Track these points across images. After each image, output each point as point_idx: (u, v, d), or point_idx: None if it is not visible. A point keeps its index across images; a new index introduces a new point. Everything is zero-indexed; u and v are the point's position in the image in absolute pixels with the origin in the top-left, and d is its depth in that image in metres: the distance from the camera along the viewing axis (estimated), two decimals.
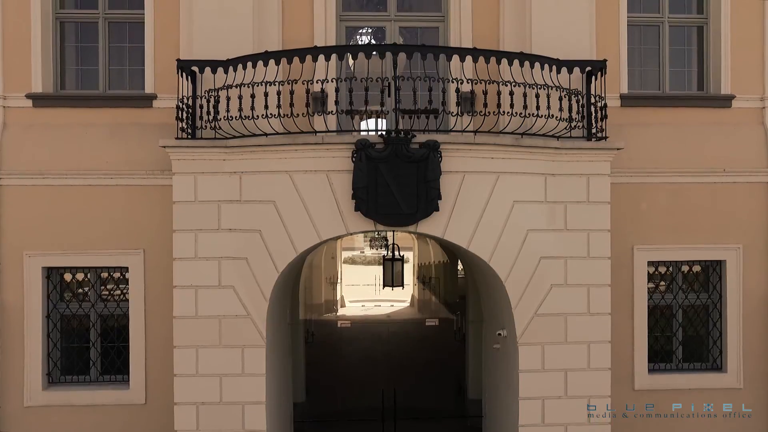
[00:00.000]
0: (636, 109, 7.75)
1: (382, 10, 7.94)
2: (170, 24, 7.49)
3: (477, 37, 7.57)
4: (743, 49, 7.88)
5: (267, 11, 7.37)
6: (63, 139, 7.39)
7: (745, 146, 7.72)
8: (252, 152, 6.32)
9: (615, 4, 7.75)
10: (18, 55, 7.49)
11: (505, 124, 6.23)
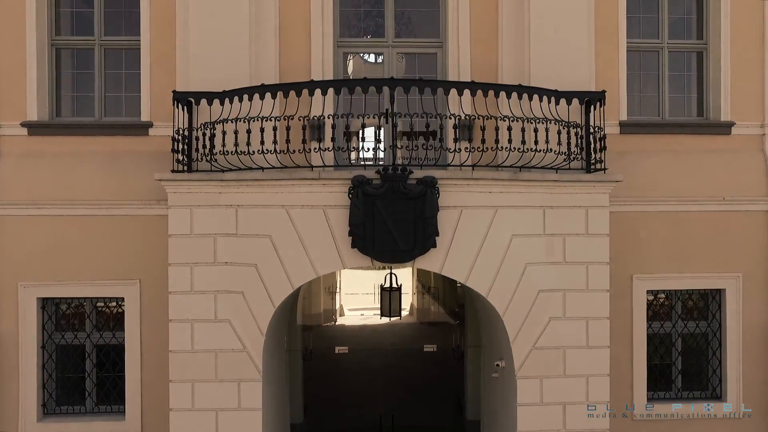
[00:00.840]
0: (635, 136, 7.71)
1: (380, 36, 7.88)
2: (166, 51, 7.44)
3: (475, 64, 7.54)
4: (743, 76, 7.84)
5: (264, 39, 7.31)
6: (58, 168, 7.34)
7: (745, 174, 7.68)
8: (248, 186, 6.28)
9: (614, 30, 7.71)
10: (13, 83, 7.45)
11: (503, 158, 6.19)
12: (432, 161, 6.09)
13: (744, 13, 7.83)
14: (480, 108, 6.16)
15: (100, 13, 7.70)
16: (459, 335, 11.72)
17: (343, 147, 5.93)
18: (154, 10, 7.47)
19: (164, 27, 7.45)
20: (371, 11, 8.05)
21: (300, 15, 7.49)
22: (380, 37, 7.88)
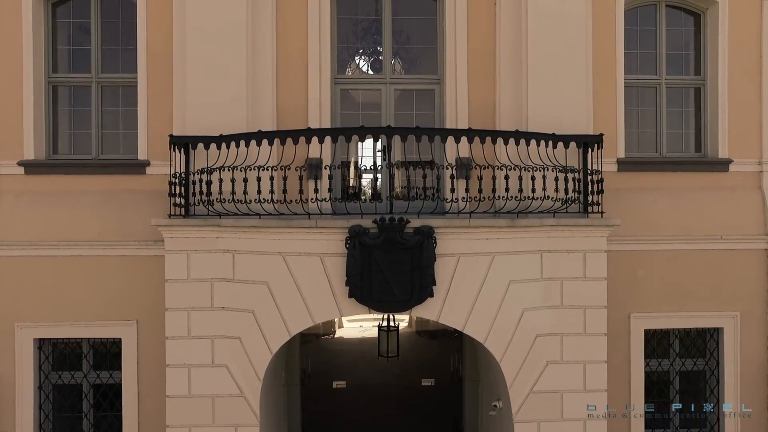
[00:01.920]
0: (633, 173, 7.70)
1: (377, 72, 7.88)
2: (164, 89, 7.42)
3: (473, 101, 7.53)
4: (741, 112, 7.84)
5: (261, 78, 7.30)
6: (55, 207, 7.33)
7: (743, 211, 7.68)
8: (245, 232, 6.28)
9: (612, 67, 7.70)
10: (10, 122, 7.43)
11: (501, 205, 6.19)
12: (430, 208, 6.09)
13: (741, 49, 7.83)
14: (477, 151, 6.15)
15: (96, 51, 7.69)
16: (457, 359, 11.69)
17: (340, 198, 5.89)
18: (150, 47, 7.45)
19: (161, 64, 7.43)
20: (369, 48, 8.06)
21: (297, 53, 7.47)
22: (378, 73, 7.88)
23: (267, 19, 7.35)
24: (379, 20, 7.87)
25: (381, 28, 7.79)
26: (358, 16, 8.05)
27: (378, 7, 7.87)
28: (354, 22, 8.06)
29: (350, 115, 7.69)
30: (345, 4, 7.88)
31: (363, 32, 8.11)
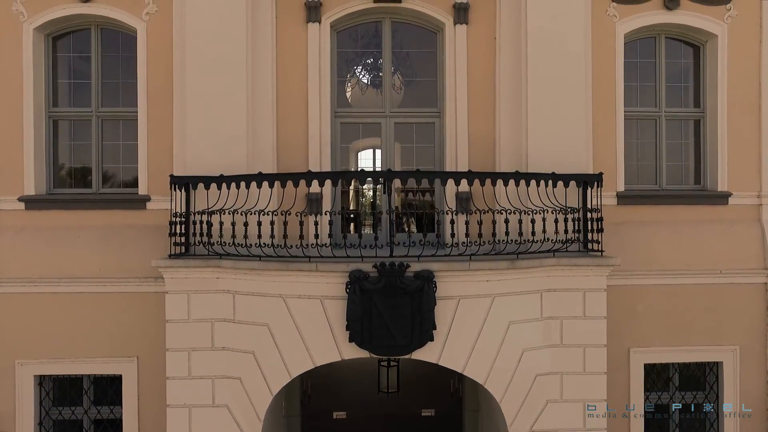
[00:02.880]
0: (632, 207, 7.71)
1: (377, 106, 7.89)
2: (164, 123, 7.43)
3: (473, 135, 7.56)
4: (740, 145, 7.86)
5: (261, 112, 7.32)
6: (56, 243, 7.33)
7: (742, 245, 7.69)
8: (245, 273, 6.28)
9: (611, 99, 7.71)
10: (10, 157, 7.44)
11: (501, 247, 6.18)
12: (430, 248, 6.09)
13: (740, 82, 7.85)
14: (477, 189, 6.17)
15: (97, 85, 7.70)
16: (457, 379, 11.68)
17: (341, 244, 5.89)
18: (151, 82, 7.46)
19: (161, 99, 7.43)
20: (369, 82, 8.07)
21: (297, 87, 7.50)
22: (378, 107, 7.89)
23: (267, 53, 7.38)
24: (379, 53, 7.88)
25: (381, 61, 7.82)
26: (359, 50, 8.07)
27: (378, 41, 7.88)
28: (354, 55, 8.08)
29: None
30: (345, 37, 7.90)
31: (363, 65, 8.12)
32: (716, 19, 7.79)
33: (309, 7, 7.47)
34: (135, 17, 7.44)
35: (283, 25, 7.50)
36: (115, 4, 7.43)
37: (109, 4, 7.43)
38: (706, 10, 7.78)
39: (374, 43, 7.93)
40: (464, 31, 7.56)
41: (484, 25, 7.59)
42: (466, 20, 7.55)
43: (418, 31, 7.89)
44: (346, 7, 7.56)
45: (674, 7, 7.72)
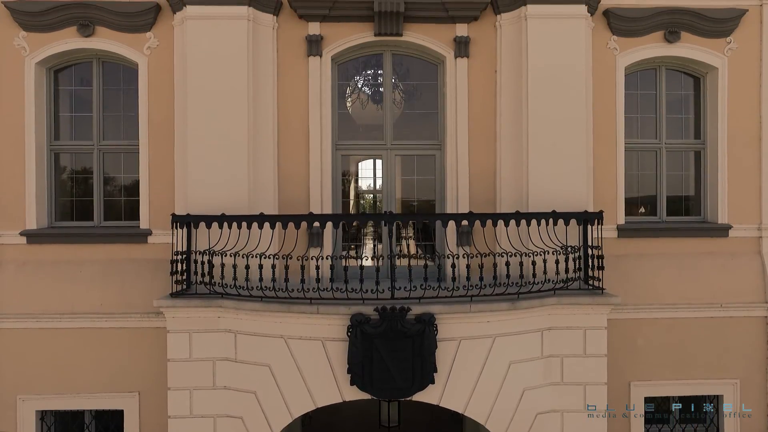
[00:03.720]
0: (633, 239, 7.73)
1: (378, 138, 7.90)
2: (165, 157, 7.46)
3: (474, 168, 7.58)
4: (740, 176, 7.87)
5: (262, 146, 7.35)
6: (57, 277, 7.34)
7: (743, 278, 7.69)
8: (247, 314, 6.29)
9: (612, 131, 7.73)
10: (12, 191, 7.46)
11: (502, 290, 6.19)
12: (431, 292, 6.10)
13: (741, 113, 7.86)
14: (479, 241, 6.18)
15: (98, 118, 7.71)
16: None
17: (343, 288, 5.90)
18: (152, 116, 7.48)
19: (163, 133, 7.47)
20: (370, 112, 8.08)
21: (298, 119, 7.53)
22: (379, 139, 7.90)
23: (268, 87, 7.40)
24: (379, 85, 7.90)
25: (382, 93, 7.84)
26: (361, 84, 8.09)
27: (379, 73, 7.90)
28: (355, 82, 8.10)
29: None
30: (346, 69, 7.91)
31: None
32: (717, 51, 7.80)
33: (310, 41, 7.49)
34: (136, 51, 7.45)
35: (284, 59, 7.52)
36: (116, 39, 7.45)
37: (111, 39, 7.45)
38: (706, 42, 7.79)
39: (375, 75, 7.94)
40: (465, 65, 7.58)
41: (485, 59, 7.60)
42: (467, 54, 7.57)
43: (419, 63, 7.91)
44: (347, 40, 7.57)
45: (675, 40, 7.73)
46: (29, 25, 7.35)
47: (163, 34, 7.45)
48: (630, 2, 7.67)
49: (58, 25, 7.36)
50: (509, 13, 7.45)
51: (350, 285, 5.90)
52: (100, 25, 7.41)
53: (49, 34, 7.39)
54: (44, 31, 7.37)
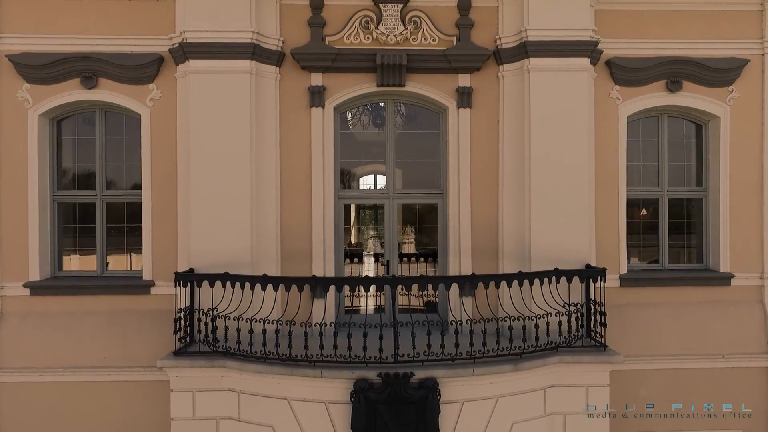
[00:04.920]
0: (635, 289, 7.73)
1: (380, 187, 7.91)
2: (168, 207, 7.46)
3: (476, 218, 7.60)
4: (742, 225, 7.88)
5: (265, 197, 7.37)
6: (60, 330, 7.35)
7: (745, 327, 7.70)
8: (250, 374, 6.30)
9: (614, 180, 7.74)
10: (16, 242, 7.47)
11: (504, 352, 6.20)
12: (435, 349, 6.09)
13: (743, 162, 7.87)
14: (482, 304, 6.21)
15: (101, 168, 7.73)
16: None
17: (345, 355, 5.91)
18: (155, 167, 7.49)
19: (166, 183, 7.47)
20: (372, 163, 8.11)
21: (300, 169, 7.54)
22: (381, 188, 7.91)
23: (271, 138, 7.43)
24: (382, 134, 7.91)
25: (385, 143, 7.85)
26: (361, 131, 8.10)
27: (381, 122, 7.92)
28: (357, 137, 8.11)
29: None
30: (348, 119, 7.93)
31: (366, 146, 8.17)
32: (719, 100, 7.81)
33: (312, 92, 7.50)
34: (139, 103, 7.47)
35: (287, 109, 7.54)
36: (119, 90, 7.46)
37: (114, 90, 7.46)
38: (708, 92, 7.80)
39: (378, 124, 7.96)
40: (467, 115, 7.59)
41: (488, 109, 7.61)
42: (470, 104, 7.58)
43: (422, 111, 7.92)
44: (349, 91, 7.59)
45: (677, 90, 7.74)
46: (32, 78, 7.37)
47: (166, 85, 7.46)
48: (632, 52, 7.68)
49: (61, 77, 7.38)
50: (512, 64, 7.47)
51: (353, 346, 5.90)
52: (103, 77, 7.42)
53: (52, 86, 7.41)
54: (47, 83, 7.39)
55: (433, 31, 7.54)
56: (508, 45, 7.43)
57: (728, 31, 7.77)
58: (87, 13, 7.40)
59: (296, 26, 7.52)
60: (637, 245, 8.20)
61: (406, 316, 6.75)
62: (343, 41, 7.51)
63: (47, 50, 7.32)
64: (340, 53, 7.39)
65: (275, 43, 7.39)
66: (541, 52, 7.22)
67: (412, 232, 8.31)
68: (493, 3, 7.59)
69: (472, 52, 7.45)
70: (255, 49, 7.13)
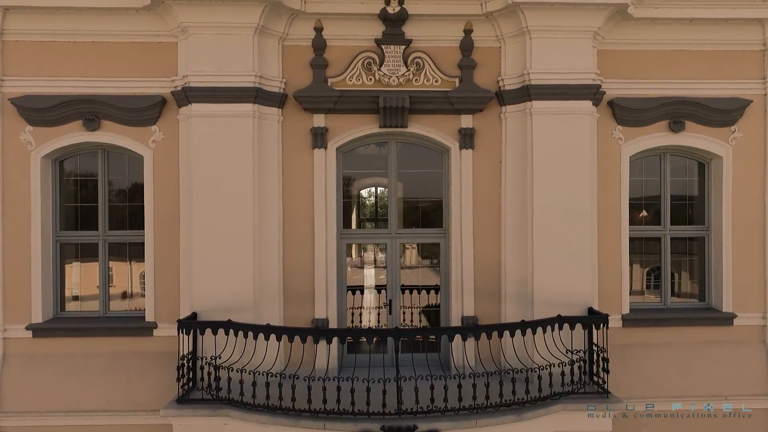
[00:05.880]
0: (637, 329, 7.73)
1: (383, 227, 7.92)
2: (170, 248, 7.45)
3: (479, 259, 7.60)
4: (745, 264, 7.88)
5: (268, 237, 7.38)
6: (63, 372, 7.35)
7: (748, 368, 7.69)
8: (253, 424, 6.29)
9: (616, 221, 7.73)
10: (18, 284, 7.46)
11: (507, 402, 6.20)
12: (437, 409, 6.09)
13: (745, 201, 7.87)
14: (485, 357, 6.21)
15: (104, 209, 7.73)
16: None
17: (349, 410, 5.91)
18: (158, 208, 7.49)
19: (169, 224, 7.46)
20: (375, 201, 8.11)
21: (302, 211, 7.54)
22: (384, 228, 7.92)
23: (273, 179, 7.44)
24: (384, 174, 7.91)
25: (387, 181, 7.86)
26: (364, 171, 8.11)
27: (383, 161, 7.92)
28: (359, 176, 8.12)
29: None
30: (350, 159, 7.92)
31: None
32: (721, 140, 7.81)
33: (315, 134, 7.51)
34: (142, 144, 7.47)
35: (289, 150, 7.54)
36: (122, 132, 7.46)
37: (116, 132, 7.46)
38: (711, 132, 7.80)
39: (380, 164, 7.96)
40: (470, 156, 7.59)
41: (490, 149, 7.62)
42: (472, 145, 7.58)
43: (424, 151, 7.92)
44: (352, 132, 7.59)
45: (679, 130, 7.74)
46: (35, 120, 7.36)
47: (168, 127, 7.46)
48: (635, 93, 7.68)
49: (63, 119, 7.37)
50: (514, 106, 7.46)
51: (356, 399, 5.90)
52: (105, 119, 7.42)
53: (54, 128, 7.40)
54: (50, 125, 7.39)
55: (435, 72, 7.54)
56: (510, 87, 7.43)
57: (730, 71, 7.77)
58: (89, 55, 7.39)
59: (299, 67, 7.52)
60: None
61: (408, 356, 6.75)
62: (346, 82, 7.52)
63: (50, 92, 7.33)
64: (342, 95, 7.39)
65: (278, 85, 7.39)
66: (544, 95, 7.23)
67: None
68: (495, 44, 7.59)
69: (475, 95, 7.45)
70: (257, 92, 7.13)
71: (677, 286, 8.22)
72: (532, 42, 7.25)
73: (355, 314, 8.34)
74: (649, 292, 8.21)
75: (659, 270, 8.09)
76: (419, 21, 7.44)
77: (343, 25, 7.44)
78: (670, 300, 8.08)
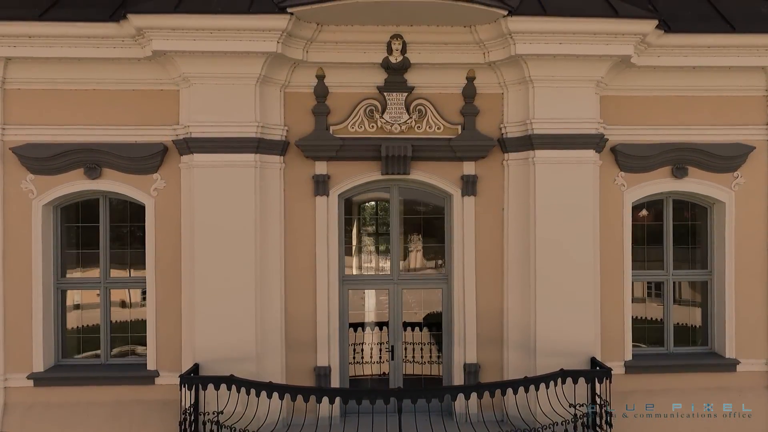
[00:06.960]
0: (640, 375, 7.71)
1: (384, 271, 7.90)
2: (172, 295, 7.43)
3: (481, 305, 7.61)
4: (748, 309, 7.84)
5: (270, 286, 7.37)
6: (64, 422, 7.30)
7: (751, 420, 7.64)
8: None
9: (619, 266, 7.71)
10: (19, 332, 7.42)
11: None
12: None
13: (748, 246, 7.84)
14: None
15: (105, 255, 7.71)
16: None
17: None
18: (159, 256, 7.47)
19: (170, 271, 7.44)
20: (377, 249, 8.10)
21: (305, 258, 7.52)
22: (385, 273, 7.91)
23: (275, 227, 7.43)
24: (386, 222, 7.90)
25: (389, 228, 7.84)
26: (366, 216, 8.10)
27: (385, 208, 7.91)
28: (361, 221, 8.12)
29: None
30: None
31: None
32: (724, 186, 7.79)
33: (317, 181, 7.49)
34: (143, 192, 7.45)
35: (291, 199, 7.53)
36: (123, 180, 7.44)
37: (118, 180, 7.44)
38: (714, 177, 7.78)
39: (382, 214, 7.96)
40: (472, 203, 7.58)
41: (492, 196, 7.61)
42: (474, 192, 7.57)
43: (426, 197, 7.91)
44: (355, 179, 7.58)
45: (682, 176, 7.72)
46: (36, 169, 7.34)
47: (170, 175, 7.44)
48: (637, 139, 7.67)
49: (65, 168, 7.36)
50: (517, 153, 7.46)
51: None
52: (107, 167, 7.40)
53: (56, 176, 7.39)
54: (51, 173, 7.37)
55: (437, 119, 7.52)
56: (513, 135, 7.42)
57: (733, 117, 7.75)
58: (90, 102, 7.37)
59: (300, 114, 7.51)
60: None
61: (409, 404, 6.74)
62: (348, 129, 7.50)
63: (51, 141, 7.30)
64: (344, 143, 7.38)
65: (279, 132, 7.37)
66: (547, 144, 7.22)
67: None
68: (497, 90, 7.57)
69: (477, 143, 7.44)
70: (260, 142, 7.12)
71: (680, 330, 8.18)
72: (535, 91, 7.24)
73: (357, 350, 8.35)
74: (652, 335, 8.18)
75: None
76: (421, 69, 7.42)
77: (345, 73, 7.43)
78: (673, 345, 8.05)
